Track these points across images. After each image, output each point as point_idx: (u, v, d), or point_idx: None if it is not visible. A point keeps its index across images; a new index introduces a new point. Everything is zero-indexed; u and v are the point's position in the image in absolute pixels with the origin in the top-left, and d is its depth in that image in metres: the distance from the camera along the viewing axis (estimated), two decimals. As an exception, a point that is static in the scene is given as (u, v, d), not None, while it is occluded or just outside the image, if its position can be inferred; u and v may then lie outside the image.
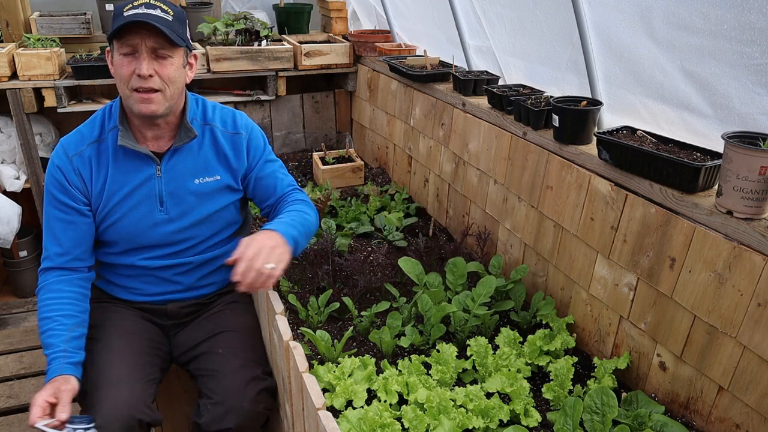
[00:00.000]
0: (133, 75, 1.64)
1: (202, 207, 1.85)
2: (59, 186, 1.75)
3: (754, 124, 1.52)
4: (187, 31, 1.76)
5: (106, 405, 1.61)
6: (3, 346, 3.02)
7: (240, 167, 1.88)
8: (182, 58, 1.73)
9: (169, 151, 1.80)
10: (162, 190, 1.80)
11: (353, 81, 3.71)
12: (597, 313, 1.87)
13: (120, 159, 1.77)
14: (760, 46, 1.44)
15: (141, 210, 1.80)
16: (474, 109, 2.46)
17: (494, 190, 2.35)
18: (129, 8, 1.62)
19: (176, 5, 1.72)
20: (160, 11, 1.65)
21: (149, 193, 1.79)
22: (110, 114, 1.80)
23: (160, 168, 1.79)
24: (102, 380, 1.68)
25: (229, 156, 1.86)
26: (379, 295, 2.16)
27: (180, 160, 1.81)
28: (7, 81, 3.02)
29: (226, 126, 1.88)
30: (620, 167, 1.74)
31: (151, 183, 1.79)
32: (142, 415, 1.63)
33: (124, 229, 1.81)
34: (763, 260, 1.35)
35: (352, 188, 3.21)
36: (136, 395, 1.67)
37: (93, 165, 1.77)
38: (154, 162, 1.78)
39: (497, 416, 1.54)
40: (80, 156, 1.76)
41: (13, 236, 3.04)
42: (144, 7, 1.63)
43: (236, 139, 1.87)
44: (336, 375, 1.65)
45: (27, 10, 3.51)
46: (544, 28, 2.21)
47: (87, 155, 1.76)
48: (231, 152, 1.87)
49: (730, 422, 1.47)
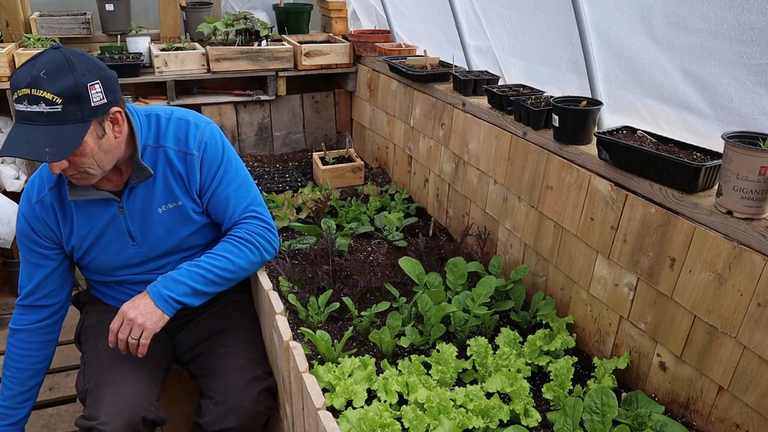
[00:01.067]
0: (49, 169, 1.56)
1: (173, 235, 1.80)
2: (25, 233, 1.76)
3: (754, 124, 1.52)
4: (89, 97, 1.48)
5: (110, 403, 1.61)
6: (3, 346, 3.02)
7: (195, 188, 1.78)
8: (94, 132, 1.52)
9: (126, 188, 1.72)
10: (129, 225, 1.76)
11: (353, 81, 3.71)
12: (597, 313, 1.87)
13: (81, 204, 1.71)
14: (760, 46, 1.44)
15: (114, 247, 1.78)
16: (474, 109, 2.46)
17: (494, 190, 2.35)
18: (16, 98, 1.44)
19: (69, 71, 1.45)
20: (44, 104, 1.42)
21: (118, 230, 1.76)
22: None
23: (121, 205, 1.73)
24: (106, 379, 1.68)
25: (184, 178, 1.75)
26: (379, 295, 2.16)
27: (139, 193, 1.73)
28: (7, 81, 3.02)
29: (179, 144, 1.74)
30: (620, 167, 1.74)
31: (117, 221, 1.75)
32: (147, 413, 1.63)
33: (103, 263, 1.82)
34: (763, 260, 1.35)
35: (352, 188, 3.21)
36: (141, 393, 1.67)
37: (57, 210, 1.73)
38: (115, 201, 1.72)
39: (497, 416, 1.54)
40: (42, 203, 1.72)
41: (13, 236, 3.03)
42: (26, 102, 1.42)
43: (188, 159, 1.74)
44: (336, 375, 1.65)
45: (27, 10, 3.51)
46: (544, 28, 2.21)
47: (48, 201, 1.72)
48: (185, 173, 1.75)
49: (730, 422, 1.47)
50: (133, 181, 1.70)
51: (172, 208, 1.77)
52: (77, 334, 1.96)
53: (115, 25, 3.56)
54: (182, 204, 1.77)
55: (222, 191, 1.79)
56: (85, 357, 1.84)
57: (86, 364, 1.79)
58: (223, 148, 1.80)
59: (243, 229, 1.78)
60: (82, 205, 1.73)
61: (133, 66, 3.20)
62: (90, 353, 1.81)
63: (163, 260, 1.84)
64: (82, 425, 1.60)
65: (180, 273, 1.68)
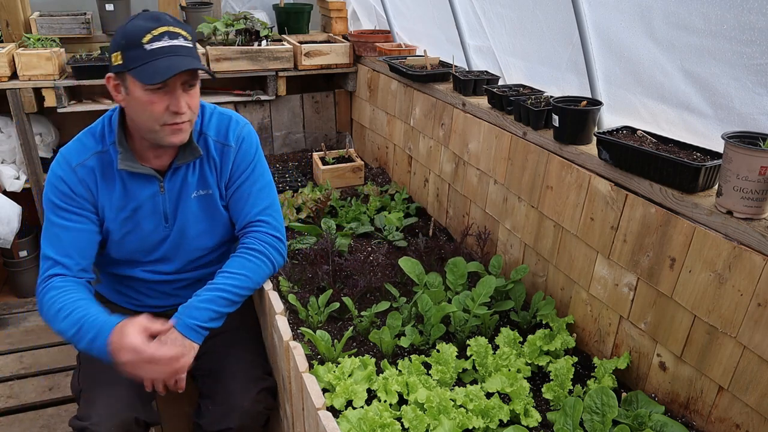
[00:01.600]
0: (166, 111, 1.57)
1: (199, 223, 1.82)
2: (63, 196, 1.68)
3: (754, 124, 1.52)
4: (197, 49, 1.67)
5: (102, 403, 1.61)
6: (3, 346, 3.03)
7: (225, 179, 1.82)
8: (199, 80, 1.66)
9: (171, 168, 1.75)
10: (167, 206, 1.77)
11: (353, 81, 3.71)
12: (597, 313, 1.87)
13: (124, 175, 1.72)
14: (760, 46, 1.44)
15: (147, 226, 1.77)
16: (474, 109, 2.46)
17: (494, 190, 2.35)
18: (150, 39, 1.52)
19: (185, 24, 1.64)
20: (182, 40, 1.56)
21: (155, 209, 1.77)
22: (110, 128, 1.72)
23: (163, 185, 1.75)
24: (99, 379, 1.68)
25: (218, 167, 1.80)
26: (379, 295, 2.16)
27: (181, 176, 1.77)
28: (7, 81, 3.02)
29: (219, 135, 1.81)
30: (620, 167, 1.74)
31: (155, 200, 1.76)
32: (139, 414, 1.63)
33: (129, 245, 1.79)
34: (763, 260, 1.35)
35: (352, 188, 3.21)
36: (134, 394, 1.66)
37: (98, 176, 1.70)
38: (157, 179, 1.74)
39: (497, 416, 1.54)
40: (83, 166, 1.69)
41: (13, 236, 3.04)
42: (167, 37, 1.53)
43: (225, 150, 1.80)
44: (336, 375, 1.65)
45: (27, 10, 3.51)
46: (544, 28, 2.21)
47: (90, 166, 1.70)
48: (219, 164, 1.80)
49: (730, 422, 1.47)
50: (179, 161, 1.74)
51: (203, 195, 1.81)
52: None
53: (115, 25, 3.56)
54: (212, 193, 1.81)
55: (246, 188, 1.83)
56: (80, 357, 1.83)
57: (81, 364, 1.79)
58: (256, 148, 1.87)
59: (256, 240, 1.79)
60: (126, 178, 1.72)
61: (133, 66, 3.20)
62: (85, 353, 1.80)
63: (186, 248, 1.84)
64: (75, 426, 1.59)
65: (201, 300, 1.65)
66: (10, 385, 2.72)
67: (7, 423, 2.51)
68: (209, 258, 1.91)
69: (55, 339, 3.06)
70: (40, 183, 3.26)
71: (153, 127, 1.60)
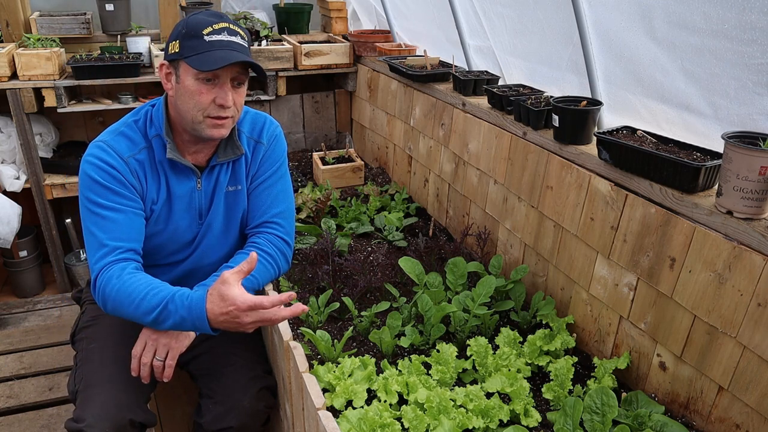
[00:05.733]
0: (212, 103, 1.60)
1: (229, 215, 1.84)
2: (116, 181, 1.63)
3: (754, 124, 1.52)
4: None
5: (97, 404, 1.60)
6: (3, 346, 3.03)
7: (251, 174, 1.86)
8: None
9: (209, 165, 1.77)
10: (202, 203, 1.79)
11: (353, 81, 3.71)
12: (597, 313, 1.87)
13: (167, 169, 1.73)
14: (761, 45, 1.44)
15: (182, 223, 1.78)
16: (474, 109, 2.46)
17: (494, 190, 2.35)
18: (210, 32, 1.57)
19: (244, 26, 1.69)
20: (239, 38, 1.61)
21: (190, 206, 1.78)
22: (151, 121, 1.72)
23: (200, 181, 1.77)
24: (95, 379, 1.68)
25: (249, 163, 1.84)
26: (379, 295, 2.16)
27: (217, 173, 1.79)
28: (7, 81, 3.02)
29: (253, 133, 1.84)
30: (620, 167, 1.74)
31: (192, 195, 1.77)
32: (134, 415, 1.62)
33: (158, 239, 1.77)
34: (763, 260, 1.35)
35: (352, 188, 3.21)
36: (129, 395, 1.65)
37: (147, 170, 1.71)
38: (195, 175, 1.76)
39: (497, 416, 1.54)
40: (135, 159, 1.68)
41: (13, 236, 3.04)
42: (226, 33, 1.59)
43: (258, 147, 1.84)
44: (336, 375, 1.65)
45: (27, 10, 3.51)
46: (545, 28, 2.21)
47: (140, 159, 1.69)
48: (251, 160, 1.84)
49: (730, 422, 1.47)
50: (221, 158, 1.76)
51: (232, 191, 1.83)
52: (72, 334, 1.95)
53: (115, 25, 3.56)
54: (241, 188, 1.84)
55: (268, 187, 1.86)
56: (77, 357, 1.82)
57: (78, 365, 1.78)
58: (284, 152, 1.92)
59: (267, 242, 1.82)
60: (168, 171, 1.73)
61: (133, 66, 3.20)
62: (82, 353, 1.80)
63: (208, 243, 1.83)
64: (69, 427, 1.59)
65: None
66: (10, 385, 2.72)
67: (7, 423, 2.51)
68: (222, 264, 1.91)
69: (55, 339, 3.07)
70: (40, 183, 3.26)
71: (197, 118, 1.62)
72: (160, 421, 2.25)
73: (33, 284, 3.60)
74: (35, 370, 2.83)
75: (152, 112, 1.74)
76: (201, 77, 1.58)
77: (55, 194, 3.32)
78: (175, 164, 1.72)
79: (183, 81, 1.61)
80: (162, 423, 2.26)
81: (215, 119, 1.62)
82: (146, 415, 1.67)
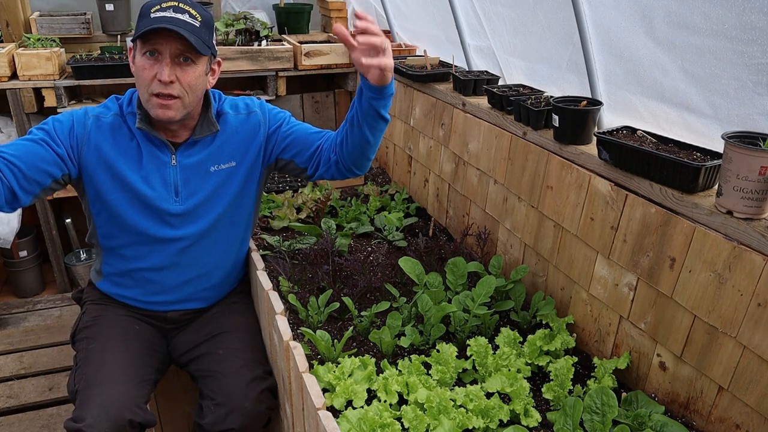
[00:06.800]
0: (155, 79, 1.62)
1: (218, 196, 1.85)
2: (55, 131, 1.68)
3: (754, 124, 1.52)
4: (213, 36, 1.74)
5: (96, 404, 1.60)
6: (3, 346, 3.03)
7: (259, 143, 1.88)
8: (205, 65, 1.71)
9: (186, 142, 1.80)
10: (177, 178, 1.80)
11: (353, 81, 3.71)
12: (597, 313, 1.87)
13: (138, 140, 1.76)
14: (761, 45, 1.44)
15: (158, 192, 1.78)
16: (474, 109, 2.46)
17: (494, 190, 2.35)
18: (157, 9, 1.60)
19: (206, 10, 1.69)
20: (188, 16, 1.62)
21: (164, 181, 1.79)
22: (129, 102, 1.80)
23: (175, 157, 1.79)
24: (94, 380, 1.68)
25: (244, 138, 1.86)
26: (379, 295, 2.16)
27: (196, 151, 1.81)
28: (7, 81, 3.02)
29: (237, 109, 1.88)
30: (620, 167, 1.74)
31: (166, 171, 1.79)
32: (133, 416, 1.62)
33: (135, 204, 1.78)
34: (763, 260, 1.35)
35: (352, 188, 3.21)
36: (128, 395, 1.66)
37: (108, 135, 1.74)
38: (170, 151, 1.78)
39: (497, 416, 1.54)
40: (98, 119, 1.74)
41: (13, 236, 3.04)
42: (173, 10, 1.61)
43: (251, 117, 1.88)
44: (336, 375, 1.65)
45: (27, 10, 3.51)
46: (545, 28, 2.21)
47: (107, 121, 1.75)
48: (247, 133, 1.87)
49: (730, 422, 1.47)
50: (197, 135, 1.78)
51: (225, 169, 1.85)
52: (72, 334, 1.95)
53: (115, 25, 3.56)
54: (235, 165, 1.86)
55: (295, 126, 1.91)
56: (77, 357, 1.83)
57: (78, 365, 1.78)
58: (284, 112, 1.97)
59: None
60: (139, 141, 1.76)
61: (133, 66, 3.20)
62: (82, 353, 1.80)
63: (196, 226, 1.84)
64: (69, 427, 1.59)
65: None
66: (10, 385, 2.72)
67: (7, 423, 2.51)
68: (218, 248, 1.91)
69: (55, 339, 3.07)
70: (40, 183, 3.26)
71: (144, 96, 1.66)
72: (160, 422, 2.25)
73: (33, 284, 3.60)
74: (35, 370, 2.83)
75: (133, 95, 1.81)
76: (144, 52, 1.61)
77: (55, 194, 3.32)
78: (147, 136, 1.76)
79: (135, 60, 1.67)
80: (162, 423, 2.26)
81: (159, 98, 1.63)
82: (146, 415, 1.67)
